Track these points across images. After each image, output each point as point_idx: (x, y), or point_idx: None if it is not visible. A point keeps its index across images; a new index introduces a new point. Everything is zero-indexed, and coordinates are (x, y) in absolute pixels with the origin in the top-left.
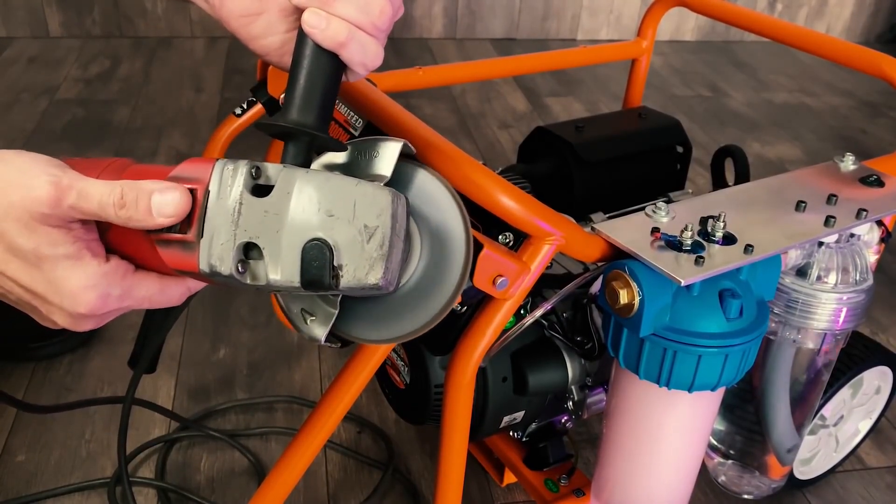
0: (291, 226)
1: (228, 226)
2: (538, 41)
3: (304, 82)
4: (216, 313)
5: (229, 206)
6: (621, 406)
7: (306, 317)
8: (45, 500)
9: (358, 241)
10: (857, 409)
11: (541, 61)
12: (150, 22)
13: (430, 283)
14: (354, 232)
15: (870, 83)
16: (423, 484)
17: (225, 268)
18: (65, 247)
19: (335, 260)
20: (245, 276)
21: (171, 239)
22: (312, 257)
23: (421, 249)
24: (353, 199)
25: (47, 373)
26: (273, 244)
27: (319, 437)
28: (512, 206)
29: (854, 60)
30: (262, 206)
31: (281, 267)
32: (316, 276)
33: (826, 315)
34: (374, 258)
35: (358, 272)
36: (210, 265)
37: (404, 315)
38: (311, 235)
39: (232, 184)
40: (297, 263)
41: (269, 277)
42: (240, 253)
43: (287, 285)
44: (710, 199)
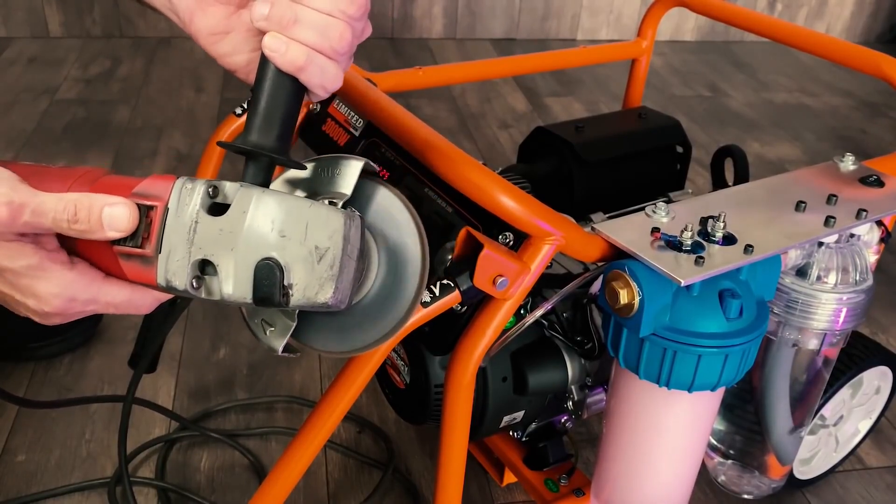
0: (245, 245)
1: (184, 243)
2: (538, 41)
3: (264, 104)
4: (216, 313)
5: (185, 224)
6: (621, 406)
7: (265, 327)
8: (45, 500)
9: (308, 261)
10: (857, 409)
11: (541, 61)
12: (150, 22)
13: (386, 297)
14: (305, 253)
15: (870, 83)
16: (423, 484)
17: (180, 283)
18: (25, 259)
19: (285, 279)
20: (200, 290)
21: (131, 253)
22: (263, 276)
23: (378, 265)
24: (306, 221)
25: (47, 372)
26: (227, 262)
27: (319, 437)
28: (512, 206)
29: (854, 60)
30: (218, 225)
31: (234, 283)
32: (267, 294)
33: (826, 315)
34: (323, 278)
35: (308, 291)
36: (166, 280)
37: (361, 328)
38: (263, 255)
39: (189, 202)
40: (249, 281)
41: (222, 293)
42: (195, 269)
43: (240, 301)
44: (710, 199)
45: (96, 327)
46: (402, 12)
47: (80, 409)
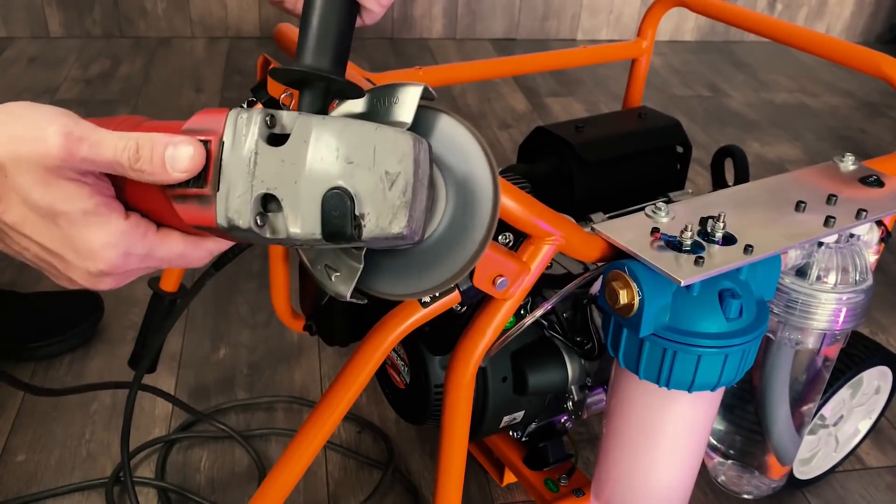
0: (310, 175)
1: (245, 177)
2: (538, 41)
3: (317, 24)
4: (216, 313)
5: (245, 157)
6: (621, 406)
7: (330, 273)
8: (45, 500)
9: (380, 188)
10: (857, 408)
11: (541, 61)
12: (150, 22)
13: (456, 233)
14: (376, 179)
15: (870, 83)
16: (423, 484)
17: (243, 221)
18: (81, 202)
19: (356, 209)
20: (264, 229)
21: (187, 194)
22: (333, 207)
23: (447, 199)
24: (373, 145)
25: (47, 372)
26: (292, 195)
27: (319, 437)
28: (512, 206)
29: (854, 60)
30: (279, 156)
31: (301, 218)
32: (337, 227)
33: (826, 315)
34: (396, 206)
35: (381, 221)
36: (228, 219)
37: (431, 268)
38: (331, 185)
39: (246, 133)
40: (317, 214)
41: (289, 230)
42: (258, 205)
43: (308, 238)
44: (710, 200)
45: (96, 327)
46: (402, 12)
47: (80, 409)
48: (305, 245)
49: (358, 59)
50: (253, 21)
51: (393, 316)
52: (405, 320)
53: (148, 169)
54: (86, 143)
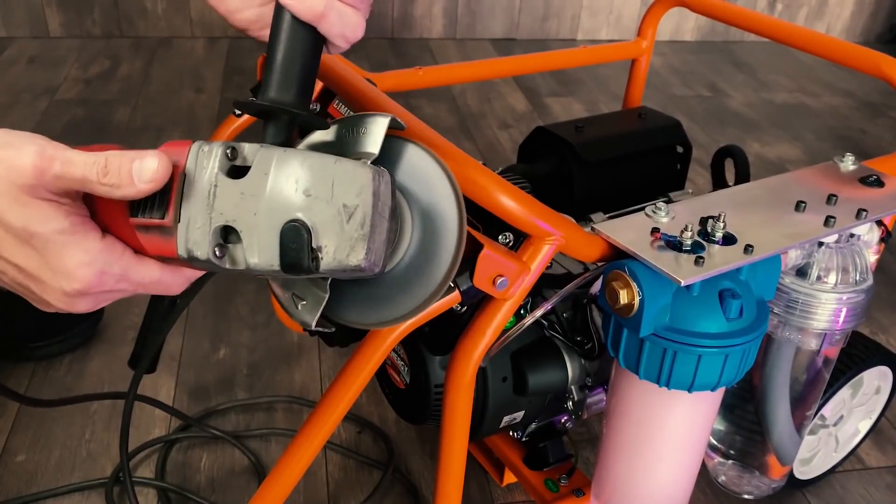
0: (269, 207)
1: (204, 210)
2: (538, 41)
3: (281, 58)
4: (216, 313)
5: (204, 190)
6: (621, 406)
7: (297, 301)
8: (45, 500)
9: (337, 220)
10: (857, 409)
11: (541, 61)
12: (150, 22)
13: (422, 263)
14: (333, 212)
15: (870, 83)
16: (423, 484)
17: (202, 252)
18: (56, 222)
19: (314, 241)
20: (224, 260)
21: (150, 224)
22: (290, 240)
23: (412, 229)
24: (332, 178)
25: (47, 372)
26: (250, 227)
27: (319, 437)
28: (512, 206)
29: (854, 60)
30: (239, 188)
31: (259, 250)
32: (295, 259)
33: (826, 315)
34: (354, 238)
35: (338, 253)
36: (187, 250)
37: (397, 297)
38: (289, 217)
39: (207, 166)
40: (275, 246)
41: (248, 261)
42: (217, 237)
43: (267, 269)
44: (710, 199)
45: (96, 327)
46: (402, 12)
47: (80, 410)
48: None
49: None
50: None
51: None
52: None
53: (116, 181)
54: (57, 161)
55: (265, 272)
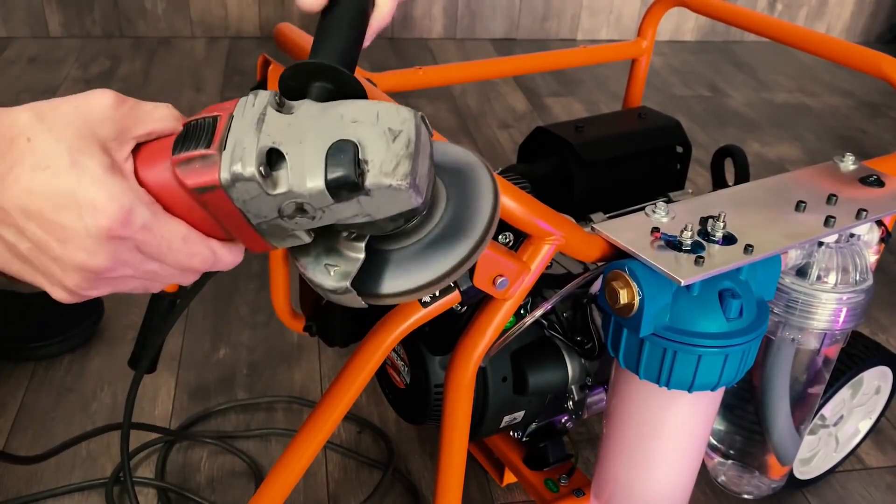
0: (316, 133)
1: (252, 133)
2: (538, 41)
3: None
4: (216, 313)
5: (252, 118)
6: (621, 406)
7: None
8: (45, 499)
9: (383, 139)
10: (857, 409)
11: (541, 61)
12: (150, 22)
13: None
14: (379, 132)
15: (870, 83)
16: (423, 484)
17: (248, 169)
18: (103, 158)
19: (360, 154)
20: (267, 181)
21: (192, 157)
22: (336, 154)
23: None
24: (377, 110)
25: (47, 373)
26: (297, 150)
27: (319, 437)
28: (512, 206)
29: (854, 60)
30: (286, 120)
31: (305, 170)
32: (341, 173)
33: (826, 315)
34: (400, 155)
35: (385, 167)
36: (231, 171)
37: (435, 258)
38: (336, 138)
39: (255, 103)
40: (321, 166)
41: (290, 182)
42: (262, 158)
43: (311, 190)
44: (710, 199)
45: (96, 327)
46: (402, 12)
47: (80, 410)
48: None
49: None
50: (253, 21)
51: (393, 316)
52: (405, 320)
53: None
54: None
55: (308, 195)
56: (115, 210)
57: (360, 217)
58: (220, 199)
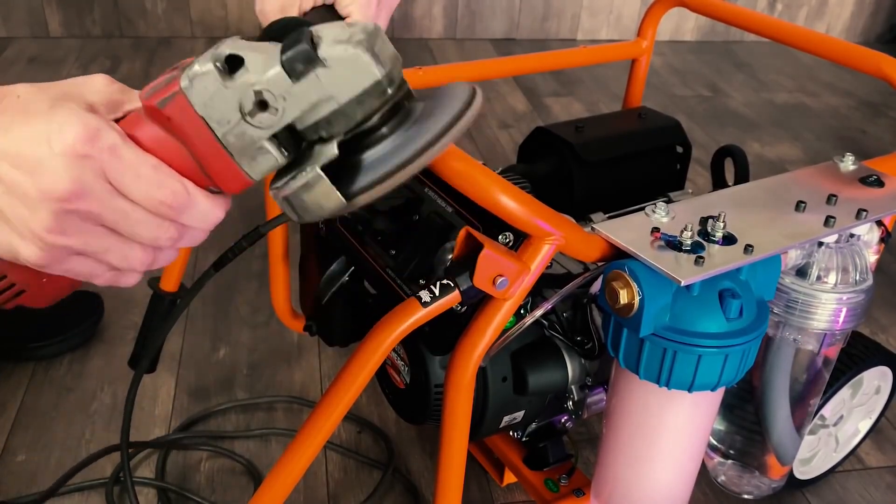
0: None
1: (210, 50)
2: (538, 41)
3: None
4: (216, 313)
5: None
6: (621, 406)
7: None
8: (45, 499)
9: (339, 25)
10: (857, 408)
11: (541, 61)
12: (150, 22)
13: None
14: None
15: (870, 83)
16: (423, 484)
17: (205, 66)
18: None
19: (315, 34)
20: (223, 75)
21: (159, 81)
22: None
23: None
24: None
25: (47, 372)
26: (255, 53)
27: (319, 438)
28: (512, 206)
29: (854, 60)
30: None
31: (262, 62)
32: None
33: (826, 315)
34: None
35: (339, 36)
36: (190, 72)
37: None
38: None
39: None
40: (277, 55)
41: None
42: (218, 57)
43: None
44: (710, 199)
45: (96, 327)
46: (402, 12)
47: (80, 410)
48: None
49: None
50: (253, 21)
51: (393, 316)
52: (405, 320)
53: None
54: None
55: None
56: (81, 128)
57: (325, 103)
58: (181, 110)
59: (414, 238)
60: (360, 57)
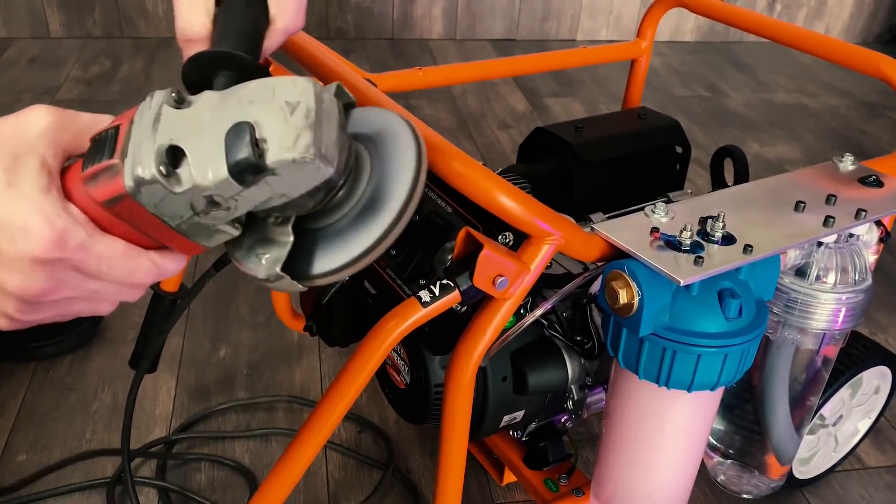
0: (213, 122)
1: (149, 136)
2: (538, 42)
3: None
4: (216, 313)
5: (150, 119)
6: (621, 406)
7: (261, 257)
8: (45, 499)
9: (280, 114)
10: (857, 408)
11: (541, 62)
12: (150, 22)
13: (379, 196)
14: (276, 108)
15: (869, 83)
16: (423, 484)
17: (147, 171)
18: (38, 178)
19: (257, 133)
20: (171, 181)
21: (98, 170)
22: (233, 136)
23: (371, 168)
24: (272, 87)
25: (48, 372)
26: (196, 144)
27: (319, 437)
28: (512, 206)
29: (853, 61)
30: (184, 115)
31: (206, 162)
32: (240, 156)
33: (825, 315)
34: (299, 128)
35: (285, 141)
36: (133, 176)
37: (359, 232)
38: (232, 122)
39: (152, 105)
40: (221, 154)
41: (193, 177)
42: (162, 157)
43: (215, 181)
44: (710, 200)
45: (96, 327)
46: (402, 13)
47: (80, 409)
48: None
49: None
50: None
51: (393, 316)
52: (405, 320)
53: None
54: (68, 113)
55: (213, 187)
56: (49, 233)
57: (276, 199)
58: (132, 208)
59: (414, 238)
60: (309, 164)
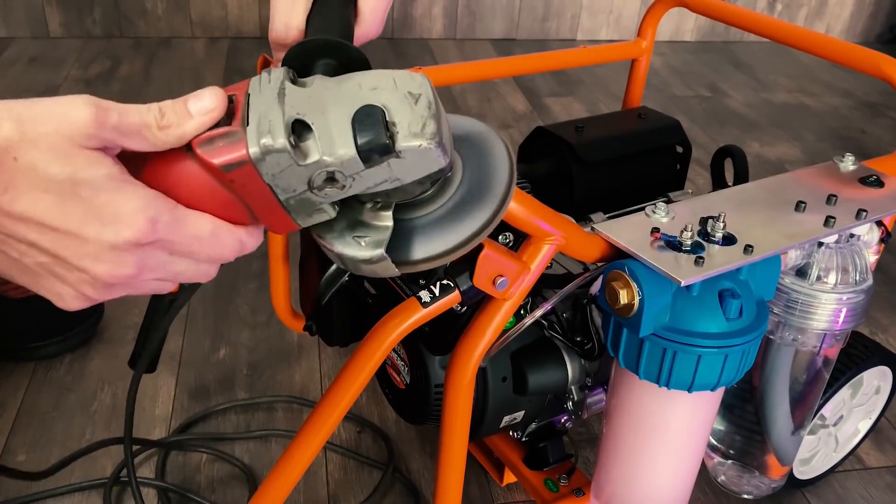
0: (337, 103)
1: (275, 106)
2: (538, 41)
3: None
4: (216, 313)
5: (272, 91)
6: (621, 406)
7: (359, 240)
8: (45, 499)
9: (406, 102)
10: (857, 408)
11: (541, 61)
12: (150, 22)
13: (479, 188)
14: (400, 96)
15: (869, 83)
16: (423, 484)
17: (278, 141)
18: (107, 167)
19: (388, 117)
20: (297, 152)
21: (214, 136)
22: (364, 120)
23: (462, 164)
24: (392, 77)
25: (47, 372)
26: (322, 120)
27: (319, 438)
28: (512, 206)
29: (853, 61)
30: (305, 93)
31: (333, 138)
32: (372, 136)
33: (826, 315)
34: (425, 116)
35: (412, 127)
36: (261, 144)
37: (462, 220)
38: (360, 104)
39: (272, 79)
40: (348, 132)
41: (321, 152)
42: (290, 129)
43: (342, 157)
44: (710, 200)
45: (96, 327)
46: (402, 12)
47: (80, 410)
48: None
49: None
50: (253, 21)
51: (393, 316)
52: (405, 320)
53: (174, 121)
54: (114, 112)
55: (339, 163)
56: (140, 221)
57: (389, 182)
58: (248, 176)
59: None
60: (433, 151)
